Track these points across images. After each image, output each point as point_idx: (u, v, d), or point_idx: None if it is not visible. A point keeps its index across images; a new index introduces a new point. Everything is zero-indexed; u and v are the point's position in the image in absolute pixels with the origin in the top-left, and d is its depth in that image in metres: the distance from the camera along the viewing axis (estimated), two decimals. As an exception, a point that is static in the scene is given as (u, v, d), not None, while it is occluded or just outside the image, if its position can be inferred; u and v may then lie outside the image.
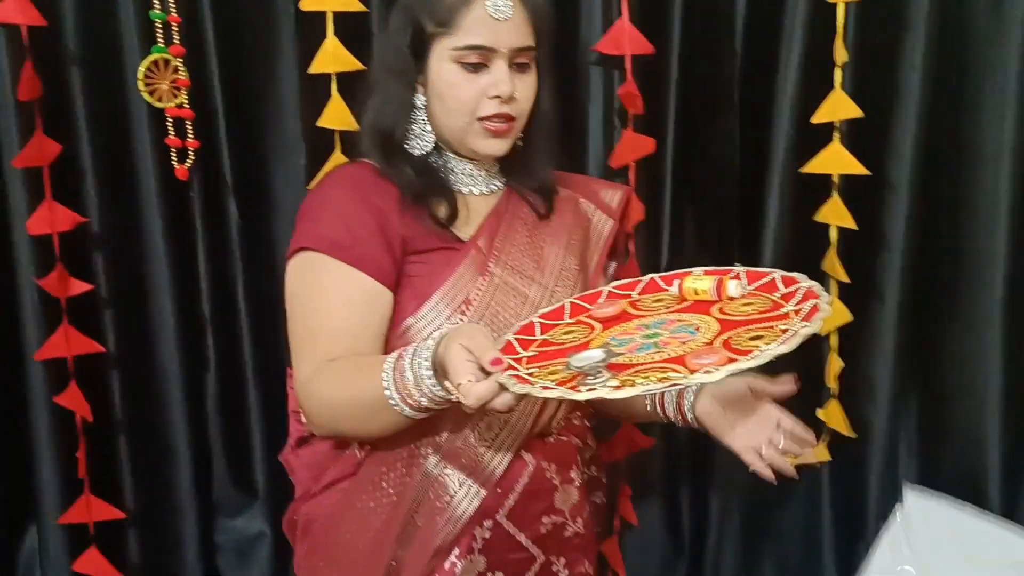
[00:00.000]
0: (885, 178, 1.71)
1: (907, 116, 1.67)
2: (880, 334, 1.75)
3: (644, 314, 1.10)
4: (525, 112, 1.23)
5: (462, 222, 1.24)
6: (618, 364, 0.94)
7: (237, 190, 1.65)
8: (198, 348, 1.71)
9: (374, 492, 1.17)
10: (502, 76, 1.17)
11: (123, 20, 1.51)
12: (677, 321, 1.04)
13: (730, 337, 0.96)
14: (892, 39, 1.66)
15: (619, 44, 1.59)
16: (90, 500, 1.65)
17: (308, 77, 1.55)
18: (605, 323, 1.09)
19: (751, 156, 1.73)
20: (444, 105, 1.20)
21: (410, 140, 1.23)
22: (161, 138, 1.56)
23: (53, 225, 1.53)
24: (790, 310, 1.00)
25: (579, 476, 1.27)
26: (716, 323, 1.01)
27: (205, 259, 1.67)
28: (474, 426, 1.16)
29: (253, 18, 1.59)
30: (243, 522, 1.80)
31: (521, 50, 1.19)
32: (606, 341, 1.02)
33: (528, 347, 1.07)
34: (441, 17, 1.17)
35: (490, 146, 1.22)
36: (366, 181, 1.21)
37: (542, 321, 1.13)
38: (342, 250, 1.14)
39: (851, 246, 1.72)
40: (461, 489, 1.17)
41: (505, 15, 1.16)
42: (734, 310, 1.04)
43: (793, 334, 0.90)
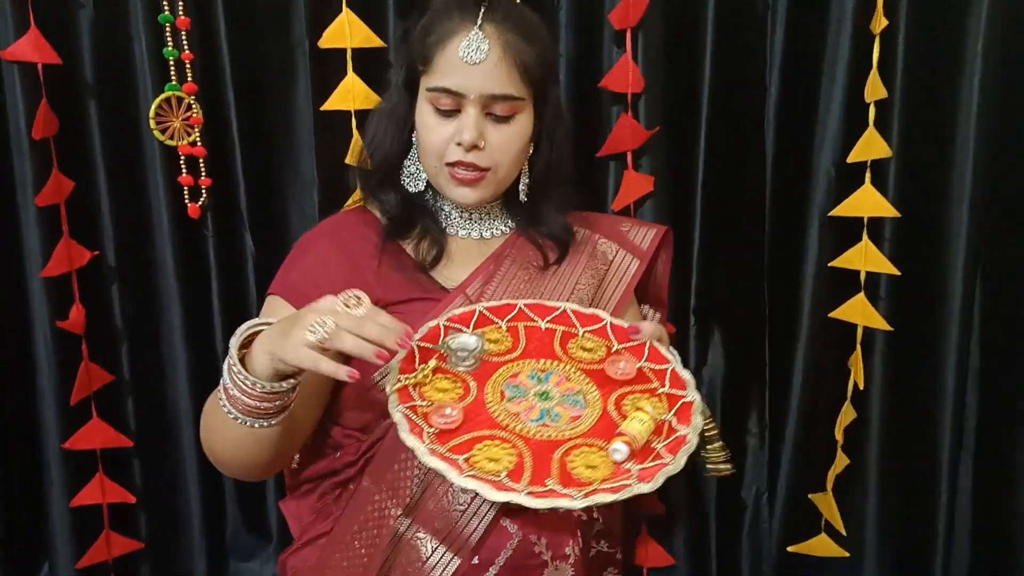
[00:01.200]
0: (941, 222, 1.62)
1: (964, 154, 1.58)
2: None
3: (540, 352, 1.10)
4: (501, 163, 1.17)
5: (447, 268, 1.20)
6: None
7: (252, 225, 1.63)
8: (211, 384, 1.68)
9: (346, 551, 1.14)
10: (467, 123, 1.12)
11: (138, 57, 1.50)
12: (566, 380, 1.07)
13: (615, 406, 1.03)
14: (946, 75, 1.58)
15: (622, 81, 1.54)
16: (110, 536, 1.66)
17: (323, 113, 1.53)
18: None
19: (787, 197, 1.66)
20: (420, 146, 1.19)
21: (405, 177, 1.22)
22: (174, 176, 1.55)
23: (71, 263, 1.53)
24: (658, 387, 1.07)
25: (576, 552, 1.16)
26: (597, 392, 1.06)
27: (219, 296, 1.65)
28: (447, 488, 1.10)
29: (269, 55, 1.57)
30: (256, 566, 1.78)
31: (496, 98, 1.13)
32: (502, 388, 1.04)
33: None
34: (423, 54, 1.14)
35: (459, 194, 1.18)
36: (350, 230, 1.20)
37: (447, 324, 1.11)
38: (299, 297, 1.13)
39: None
40: (434, 555, 1.10)
41: (476, 59, 1.10)
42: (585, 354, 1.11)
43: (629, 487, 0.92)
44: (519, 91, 1.14)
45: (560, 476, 0.95)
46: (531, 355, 1.10)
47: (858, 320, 1.62)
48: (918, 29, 1.54)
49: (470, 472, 0.92)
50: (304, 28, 1.53)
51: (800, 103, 1.62)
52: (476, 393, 1.03)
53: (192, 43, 1.50)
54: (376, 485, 1.13)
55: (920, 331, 1.67)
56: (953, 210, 1.61)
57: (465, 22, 1.12)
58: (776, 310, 1.70)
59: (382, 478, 1.12)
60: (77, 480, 1.63)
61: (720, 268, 1.70)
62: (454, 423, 0.99)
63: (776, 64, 1.61)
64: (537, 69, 1.15)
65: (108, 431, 1.62)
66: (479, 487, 0.90)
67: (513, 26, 1.13)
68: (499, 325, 1.12)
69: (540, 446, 0.98)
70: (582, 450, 0.98)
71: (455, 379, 1.05)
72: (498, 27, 1.12)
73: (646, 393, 1.06)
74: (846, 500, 1.74)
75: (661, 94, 1.58)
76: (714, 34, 1.58)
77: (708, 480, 1.75)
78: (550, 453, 0.97)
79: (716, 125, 1.61)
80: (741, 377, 1.73)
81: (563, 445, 0.99)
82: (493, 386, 1.05)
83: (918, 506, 1.73)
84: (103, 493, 1.63)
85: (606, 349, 1.12)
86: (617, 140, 1.58)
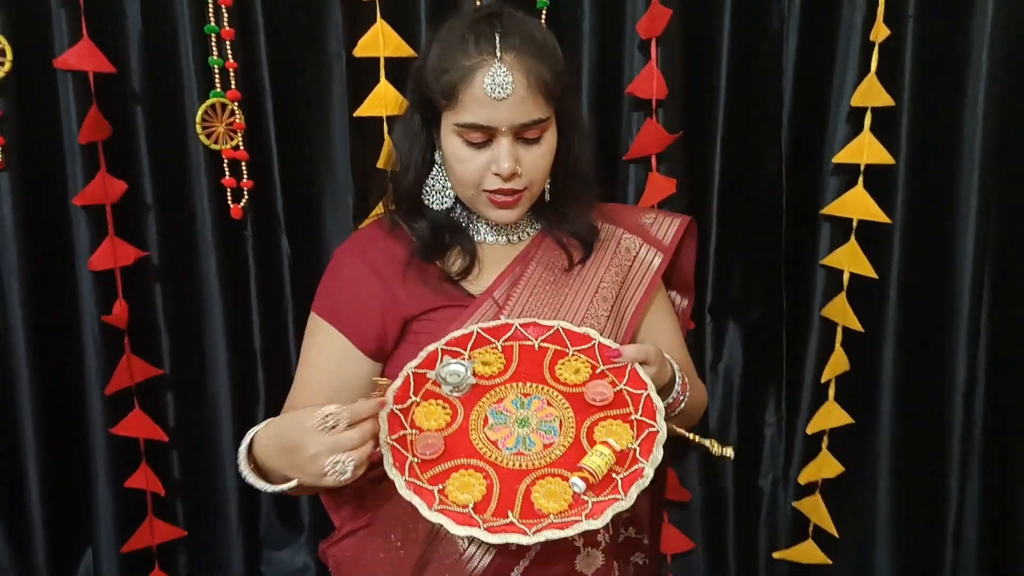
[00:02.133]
0: (949, 225, 1.68)
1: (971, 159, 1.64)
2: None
3: (529, 374, 1.14)
4: (536, 180, 1.19)
5: (476, 276, 1.23)
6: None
7: (289, 228, 1.70)
8: (249, 380, 1.76)
9: (383, 544, 1.18)
10: (503, 154, 1.13)
11: (184, 66, 1.57)
12: (547, 406, 1.11)
13: (587, 435, 1.08)
14: (953, 83, 1.64)
15: (647, 87, 1.60)
16: (153, 523, 1.72)
17: (358, 119, 1.60)
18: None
19: (801, 199, 1.72)
20: (453, 176, 1.20)
21: (430, 195, 1.23)
22: (217, 178, 1.62)
23: (116, 260, 1.60)
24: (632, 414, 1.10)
25: (607, 539, 1.21)
26: (573, 419, 1.10)
27: (257, 294, 1.72)
28: None
29: (306, 64, 1.63)
30: (288, 555, 1.83)
31: (527, 126, 1.13)
32: (486, 413, 1.10)
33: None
34: (445, 91, 1.13)
35: (499, 215, 1.20)
36: (376, 246, 1.23)
37: (445, 349, 1.15)
38: (333, 314, 1.20)
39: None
40: (471, 546, 1.14)
41: (503, 94, 1.10)
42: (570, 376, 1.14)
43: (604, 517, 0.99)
44: (545, 112, 1.15)
45: (522, 507, 1.01)
46: (519, 378, 1.14)
47: (838, 319, 1.69)
48: (924, 39, 1.60)
49: (439, 507, 0.99)
50: (340, 38, 1.60)
51: (813, 109, 1.68)
52: (462, 419, 1.09)
53: (235, 52, 1.57)
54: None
55: (928, 333, 1.72)
56: (960, 214, 1.66)
57: (483, 55, 1.11)
58: (792, 307, 1.76)
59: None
60: (120, 468, 1.69)
61: (737, 266, 1.76)
62: (436, 453, 1.05)
63: (790, 72, 1.68)
64: (556, 85, 1.16)
65: (147, 422, 1.69)
66: (443, 521, 0.98)
67: (529, 48, 1.12)
68: (495, 346, 1.16)
69: (510, 475, 1.05)
70: (547, 480, 1.04)
71: (445, 403, 1.10)
72: (517, 54, 1.11)
73: (619, 419, 1.10)
74: (855, 501, 1.79)
75: (680, 100, 1.65)
76: (730, 44, 1.64)
77: (726, 469, 1.81)
78: (517, 483, 1.04)
79: (733, 130, 1.68)
80: (758, 370, 1.79)
81: (531, 474, 1.05)
82: (478, 411, 1.10)
83: (927, 507, 1.77)
84: (146, 481, 1.70)
85: (591, 370, 1.15)
86: (643, 144, 1.64)
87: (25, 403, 1.64)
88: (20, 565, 1.71)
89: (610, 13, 1.63)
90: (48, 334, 1.65)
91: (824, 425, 1.74)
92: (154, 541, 1.73)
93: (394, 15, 1.57)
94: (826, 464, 1.76)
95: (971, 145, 1.63)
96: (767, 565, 1.86)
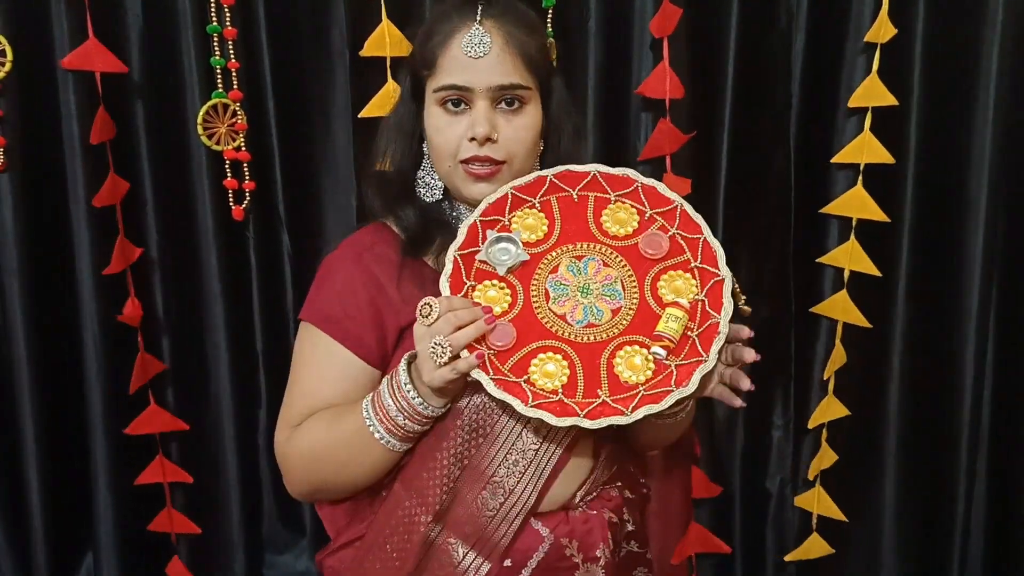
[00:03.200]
0: (958, 225, 1.67)
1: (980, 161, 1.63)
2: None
3: (576, 233, 1.12)
4: (516, 154, 1.16)
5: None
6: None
7: (291, 228, 1.69)
8: (251, 380, 1.75)
9: (379, 554, 1.15)
10: (478, 117, 1.12)
11: (186, 66, 1.56)
12: (604, 267, 1.10)
13: (652, 292, 1.08)
14: (961, 84, 1.63)
15: (659, 88, 1.59)
16: (172, 514, 1.73)
17: (360, 120, 1.59)
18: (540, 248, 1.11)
19: (809, 199, 1.71)
20: (433, 150, 1.18)
21: (420, 188, 1.22)
22: (219, 179, 1.61)
23: (127, 261, 1.59)
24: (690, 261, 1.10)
25: (607, 554, 1.17)
26: (633, 276, 1.09)
27: (259, 294, 1.71)
28: (477, 493, 1.12)
29: (309, 64, 1.63)
30: (290, 559, 1.83)
31: (504, 88, 1.12)
32: (545, 286, 1.09)
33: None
34: (427, 59, 1.14)
35: (476, 190, 1.16)
36: (371, 252, 1.20)
37: (515, 193, 1.14)
38: (331, 324, 1.16)
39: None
40: (466, 559, 1.12)
41: (480, 52, 1.11)
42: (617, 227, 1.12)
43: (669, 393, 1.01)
44: (525, 80, 1.14)
45: (609, 382, 1.02)
46: (567, 239, 1.11)
47: (839, 316, 1.68)
48: (933, 40, 1.59)
49: (534, 403, 1.00)
50: (343, 38, 1.59)
51: (821, 107, 1.68)
52: (523, 298, 1.08)
53: (238, 52, 1.56)
54: (406, 492, 1.14)
55: (937, 331, 1.71)
56: (969, 213, 1.66)
57: (464, 20, 1.13)
58: (800, 306, 1.75)
59: (411, 485, 1.14)
60: (122, 470, 1.68)
61: (744, 267, 1.75)
62: (510, 341, 1.04)
63: (798, 71, 1.67)
64: (540, 59, 1.16)
65: (165, 416, 1.69)
66: (543, 415, 0.99)
67: (511, 19, 1.14)
68: (533, 203, 1.14)
69: (587, 351, 1.04)
70: (625, 350, 1.04)
71: (500, 284, 1.08)
72: (497, 21, 1.13)
73: (679, 268, 1.09)
74: (862, 497, 1.78)
75: (688, 99, 1.63)
76: (738, 42, 1.63)
77: (733, 471, 1.80)
78: (597, 358, 1.04)
79: (740, 128, 1.67)
80: (766, 371, 1.77)
81: (608, 346, 1.05)
82: (537, 286, 1.09)
83: (935, 504, 1.77)
84: (164, 473, 1.69)
85: (638, 216, 1.13)
86: (656, 145, 1.62)
87: (25, 404, 1.63)
88: (21, 567, 1.70)
89: (617, 12, 1.62)
90: (49, 335, 1.64)
91: (823, 418, 1.73)
92: (174, 528, 1.73)
93: (399, 15, 1.56)
94: (825, 456, 1.76)
95: (980, 144, 1.63)
96: (775, 567, 1.85)
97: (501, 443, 1.11)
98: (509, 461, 1.12)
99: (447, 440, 1.11)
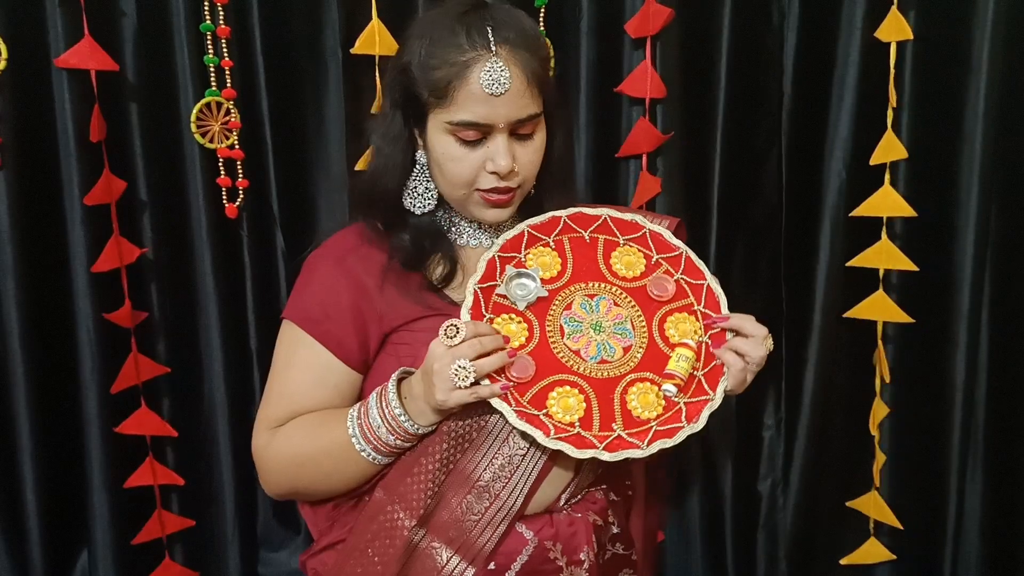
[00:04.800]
0: (948, 222, 1.68)
1: (971, 157, 1.63)
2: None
3: (587, 272, 1.18)
4: (529, 178, 1.16)
5: (459, 283, 1.18)
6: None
7: (285, 226, 1.69)
8: (245, 379, 1.75)
9: (360, 559, 1.15)
10: (499, 151, 1.09)
11: (180, 64, 1.57)
12: (614, 306, 1.16)
13: (659, 331, 1.15)
14: (953, 81, 1.63)
15: (640, 87, 1.59)
16: (162, 515, 1.72)
17: (353, 118, 1.59)
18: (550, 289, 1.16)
19: (801, 198, 1.71)
20: (443, 176, 1.14)
21: (411, 198, 1.18)
22: (213, 177, 1.61)
23: (121, 259, 1.59)
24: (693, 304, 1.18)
25: (591, 557, 1.16)
26: (642, 316, 1.15)
27: (253, 292, 1.71)
28: (462, 498, 1.12)
29: (302, 63, 1.63)
30: (285, 556, 1.82)
31: (523, 121, 1.10)
32: (560, 322, 1.14)
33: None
34: (436, 88, 1.09)
35: (493, 215, 1.16)
36: (354, 251, 1.18)
37: (531, 231, 1.19)
38: (313, 325, 1.15)
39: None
40: (450, 563, 1.12)
41: (501, 90, 1.06)
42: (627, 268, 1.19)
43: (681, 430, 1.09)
44: (539, 107, 1.12)
45: (623, 417, 1.08)
46: (580, 277, 1.17)
47: (877, 317, 1.67)
48: (927, 38, 1.59)
49: (555, 436, 1.05)
50: (336, 37, 1.59)
51: (813, 108, 1.67)
52: (539, 333, 1.12)
53: (231, 51, 1.57)
54: (388, 496, 1.13)
55: (930, 327, 1.71)
56: (962, 209, 1.66)
57: (477, 50, 1.07)
58: (791, 307, 1.75)
59: (395, 490, 1.13)
60: (117, 469, 1.68)
61: (736, 266, 1.75)
62: (529, 374, 1.08)
63: (790, 69, 1.67)
64: (546, 78, 1.14)
65: (155, 420, 1.68)
66: (563, 447, 1.04)
67: (520, 41, 1.10)
68: (547, 242, 1.18)
69: (601, 386, 1.10)
70: (636, 387, 1.11)
71: (518, 316, 1.12)
72: (511, 49, 1.08)
73: (684, 311, 1.17)
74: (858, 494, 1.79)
75: (680, 98, 1.64)
76: (730, 41, 1.64)
77: (725, 472, 1.79)
78: (611, 393, 1.10)
79: (733, 128, 1.67)
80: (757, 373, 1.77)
81: (620, 382, 1.11)
82: (552, 321, 1.13)
83: (928, 498, 1.77)
84: (154, 476, 1.69)
85: (645, 260, 1.20)
86: (634, 143, 1.63)
87: (21, 403, 1.64)
88: (16, 565, 1.70)
89: (608, 12, 1.62)
90: (44, 334, 1.64)
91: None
92: (164, 532, 1.73)
93: (390, 14, 1.56)
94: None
95: (972, 142, 1.63)
96: (766, 570, 1.85)
97: (487, 449, 1.12)
98: (495, 466, 1.12)
99: (433, 446, 1.11)
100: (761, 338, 1.15)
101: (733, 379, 1.13)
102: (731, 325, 1.16)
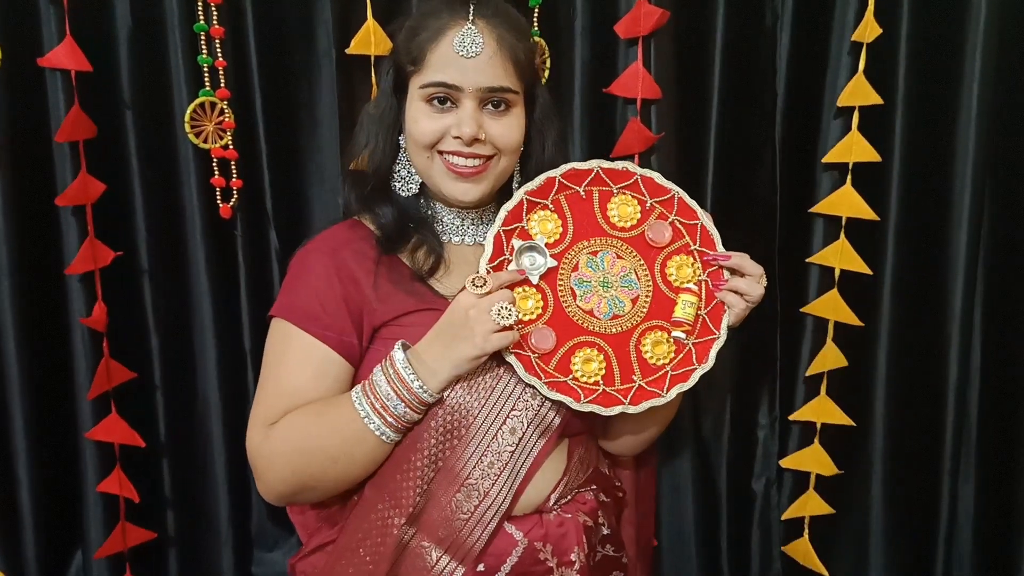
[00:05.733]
0: (942, 223, 1.68)
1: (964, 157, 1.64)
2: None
3: (587, 229, 1.21)
4: (505, 151, 1.17)
5: (445, 276, 1.20)
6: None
7: (279, 226, 1.69)
8: (239, 380, 1.75)
9: (352, 559, 1.15)
10: (465, 117, 1.12)
11: (173, 64, 1.56)
12: (617, 259, 1.21)
13: (662, 277, 1.21)
14: (946, 81, 1.64)
15: (631, 87, 1.59)
16: (126, 527, 1.70)
17: (347, 119, 1.59)
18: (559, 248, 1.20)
19: (795, 198, 1.72)
20: (410, 140, 1.17)
21: (396, 182, 1.22)
22: (207, 177, 1.61)
23: (96, 262, 1.58)
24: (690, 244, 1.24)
25: (582, 558, 1.17)
26: (644, 265, 1.21)
27: (247, 293, 1.71)
28: (451, 496, 1.12)
29: (296, 63, 1.63)
30: (279, 556, 1.82)
31: (493, 90, 1.13)
32: (571, 285, 1.18)
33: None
34: (414, 54, 1.14)
35: (459, 190, 1.17)
36: (348, 247, 1.19)
37: (528, 198, 1.20)
38: (309, 321, 1.15)
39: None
40: (440, 562, 1.12)
41: (472, 52, 1.11)
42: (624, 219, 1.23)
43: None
44: (513, 84, 1.15)
45: (641, 367, 1.17)
46: (581, 235, 1.21)
47: (830, 315, 1.69)
48: (917, 39, 1.59)
49: (585, 400, 1.13)
50: (330, 37, 1.59)
51: (806, 107, 1.68)
52: (553, 300, 1.16)
53: (225, 51, 1.56)
54: (379, 495, 1.14)
55: (922, 331, 1.71)
56: (954, 212, 1.66)
57: (456, 18, 1.13)
58: (785, 306, 1.76)
59: (384, 488, 1.14)
60: (110, 471, 1.67)
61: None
62: (551, 343, 1.13)
63: (783, 70, 1.68)
64: (528, 65, 1.16)
65: (124, 427, 1.65)
66: (595, 408, 1.13)
67: (503, 22, 1.15)
68: (546, 204, 1.20)
69: (617, 341, 1.17)
70: (649, 336, 1.19)
71: (531, 290, 1.16)
72: (490, 22, 1.13)
73: (681, 252, 1.23)
74: (850, 497, 1.79)
75: (673, 99, 1.64)
76: (723, 41, 1.64)
77: (719, 471, 1.80)
78: (626, 346, 1.18)
79: (726, 128, 1.67)
80: (751, 371, 1.78)
81: (633, 334, 1.18)
82: (563, 286, 1.17)
83: (920, 507, 1.77)
84: (120, 486, 1.67)
85: (640, 207, 1.24)
86: (626, 144, 1.63)
87: (16, 405, 1.63)
88: (10, 566, 1.70)
89: (602, 12, 1.62)
90: (38, 336, 1.63)
91: (814, 418, 1.73)
92: (126, 545, 1.70)
93: (385, 13, 1.55)
94: (816, 460, 1.75)
95: (965, 143, 1.63)
96: (760, 568, 1.85)
97: (476, 445, 1.12)
98: (484, 463, 1.12)
99: (421, 442, 1.12)
100: (759, 276, 1.21)
101: (734, 316, 1.20)
102: (732, 264, 1.21)
